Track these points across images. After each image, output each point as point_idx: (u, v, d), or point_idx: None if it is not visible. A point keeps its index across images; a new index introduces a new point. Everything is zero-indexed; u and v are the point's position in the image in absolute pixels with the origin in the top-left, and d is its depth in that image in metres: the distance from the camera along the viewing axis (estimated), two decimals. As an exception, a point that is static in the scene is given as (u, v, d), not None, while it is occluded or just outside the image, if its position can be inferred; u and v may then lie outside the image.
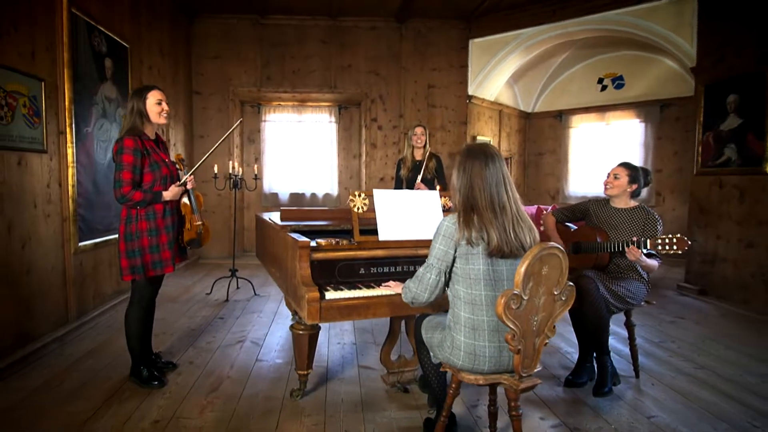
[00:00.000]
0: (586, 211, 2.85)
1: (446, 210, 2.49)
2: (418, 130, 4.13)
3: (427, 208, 2.43)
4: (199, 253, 6.23)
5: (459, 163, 1.80)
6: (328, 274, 2.25)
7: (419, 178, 4.03)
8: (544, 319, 1.67)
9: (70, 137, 3.26)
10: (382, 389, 2.56)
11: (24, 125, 2.85)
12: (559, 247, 1.61)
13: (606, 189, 2.73)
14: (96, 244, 3.53)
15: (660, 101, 6.59)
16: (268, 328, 3.55)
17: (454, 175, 1.81)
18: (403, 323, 2.64)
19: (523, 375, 1.68)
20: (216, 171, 4.54)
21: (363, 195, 2.41)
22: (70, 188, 3.26)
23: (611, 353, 3.01)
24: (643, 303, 2.68)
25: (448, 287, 1.81)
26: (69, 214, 3.26)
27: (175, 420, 2.20)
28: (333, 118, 6.73)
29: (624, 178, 2.67)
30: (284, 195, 6.68)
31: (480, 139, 6.83)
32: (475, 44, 6.40)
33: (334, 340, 3.33)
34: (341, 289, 2.17)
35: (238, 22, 6.10)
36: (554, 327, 1.70)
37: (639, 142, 6.84)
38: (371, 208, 2.36)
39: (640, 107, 6.81)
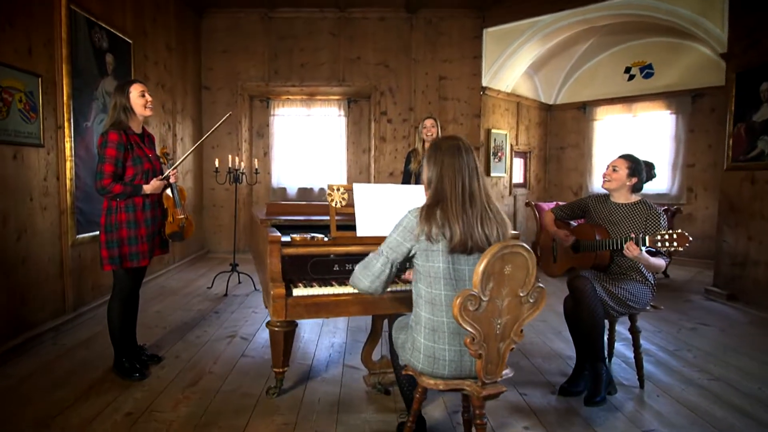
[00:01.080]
0: (586, 207, 2.67)
1: None
2: (428, 122, 3.96)
3: (410, 202, 2.30)
4: (208, 247, 6.32)
5: (429, 156, 1.72)
6: (300, 270, 2.18)
7: None
8: (509, 322, 1.52)
9: (68, 132, 3.32)
10: (363, 390, 2.47)
11: (20, 120, 2.91)
12: (524, 245, 1.46)
13: (604, 182, 2.55)
14: (94, 237, 3.59)
15: (692, 91, 6.14)
16: (261, 324, 3.51)
17: (425, 168, 1.72)
18: (385, 322, 2.53)
19: (486, 381, 1.54)
20: (217, 165, 4.55)
21: (342, 189, 2.32)
22: (67, 181, 3.32)
23: (614, 360, 2.82)
24: (648, 307, 2.48)
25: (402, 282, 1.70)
26: (67, 206, 3.32)
27: (148, 413, 2.19)
28: (342, 112, 6.65)
29: (623, 171, 2.48)
30: (292, 189, 6.66)
31: (495, 132, 6.59)
32: (489, 33, 6.15)
33: (325, 338, 3.26)
34: (312, 286, 2.09)
35: (246, 16, 6.10)
36: (521, 331, 1.55)
37: (669, 135, 6.40)
38: (351, 203, 2.27)
39: (671, 98, 6.37)
